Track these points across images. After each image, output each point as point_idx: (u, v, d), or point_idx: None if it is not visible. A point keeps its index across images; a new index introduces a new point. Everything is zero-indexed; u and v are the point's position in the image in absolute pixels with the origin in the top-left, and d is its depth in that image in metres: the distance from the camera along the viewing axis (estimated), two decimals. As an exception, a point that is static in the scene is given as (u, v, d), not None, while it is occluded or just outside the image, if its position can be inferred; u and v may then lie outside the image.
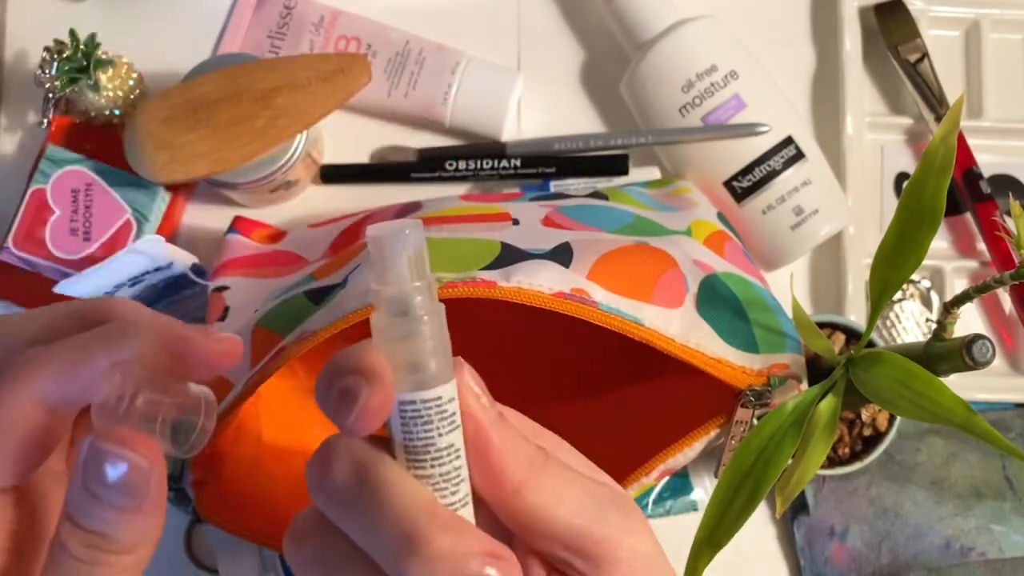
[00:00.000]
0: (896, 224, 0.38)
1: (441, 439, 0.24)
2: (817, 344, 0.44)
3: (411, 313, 0.23)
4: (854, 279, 0.58)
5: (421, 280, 0.24)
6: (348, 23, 0.58)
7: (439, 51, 0.58)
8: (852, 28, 0.59)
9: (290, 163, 0.52)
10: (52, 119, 0.55)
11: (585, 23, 0.61)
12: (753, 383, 0.39)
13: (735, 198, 0.55)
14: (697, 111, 0.55)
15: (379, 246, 0.23)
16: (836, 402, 0.41)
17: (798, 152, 0.55)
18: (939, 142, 0.37)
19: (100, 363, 0.25)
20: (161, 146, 0.50)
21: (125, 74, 0.55)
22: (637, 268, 0.40)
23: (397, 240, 0.23)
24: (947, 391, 0.36)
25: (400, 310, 0.23)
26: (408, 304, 0.23)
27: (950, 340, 0.39)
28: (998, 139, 0.60)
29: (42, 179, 0.53)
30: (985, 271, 0.60)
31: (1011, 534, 0.54)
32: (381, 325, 0.24)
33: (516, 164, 0.57)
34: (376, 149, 0.60)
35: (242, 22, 0.59)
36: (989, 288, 0.37)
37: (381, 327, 0.24)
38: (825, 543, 0.56)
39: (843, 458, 0.53)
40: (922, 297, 0.59)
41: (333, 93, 0.51)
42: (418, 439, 0.24)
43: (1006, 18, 0.61)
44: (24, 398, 0.25)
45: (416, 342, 0.23)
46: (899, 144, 0.61)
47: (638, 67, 0.56)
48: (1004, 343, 0.60)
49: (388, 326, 0.24)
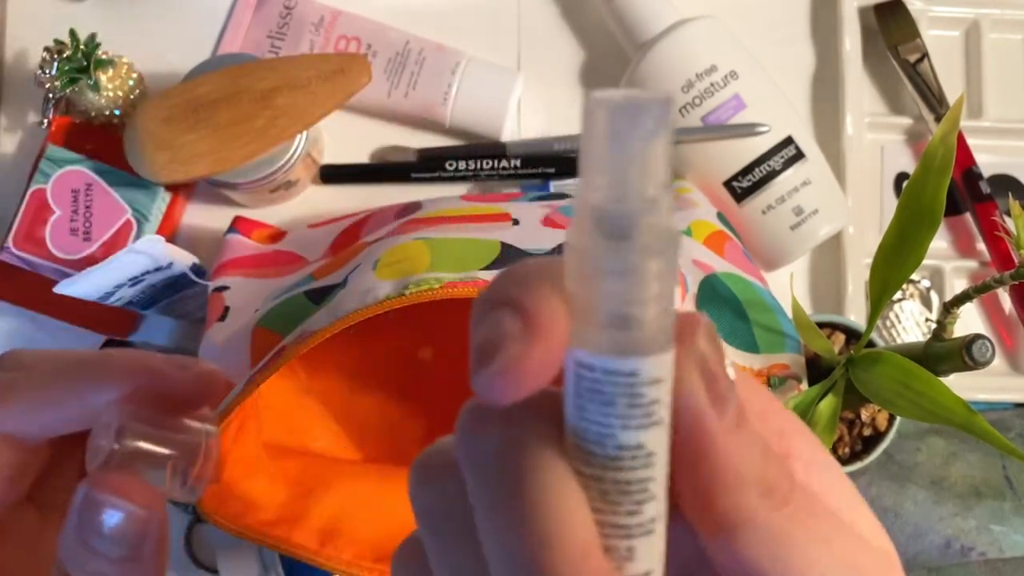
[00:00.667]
0: (896, 224, 0.38)
1: (626, 434, 0.16)
2: (817, 344, 0.44)
3: (634, 238, 0.15)
4: (854, 279, 0.58)
5: (660, 192, 0.16)
6: (348, 23, 0.58)
7: (439, 51, 0.58)
8: (852, 28, 0.59)
9: (290, 163, 0.52)
10: (52, 119, 0.55)
11: (585, 23, 0.61)
12: (753, 383, 0.39)
13: (735, 198, 0.55)
14: (697, 111, 0.55)
15: (604, 123, 0.15)
16: (836, 402, 0.41)
17: (798, 152, 0.55)
18: (939, 142, 0.37)
19: (72, 395, 0.24)
20: (161, 146, 0.50)
21: (125, 74, 0.55)
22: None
23: (635, 119, 0.15)
24: (947, 391, 0.36)
25: (618, 231, 0.15)
26: (632, 224, 0.15)
27: (950, 340, 0.39)
28: (998, 139, 0.60)
29: (42, 179, 0.53)
30: (985, 271, 0.60)
31: (1011, 534, 0.55)
32: (582, 246, 0.16)
33: (516, 164, 0.57)
34: (376, 149, 0.60)
35: (242, 22, 0.59)
36: (989, 288, 0.37)
37: (581, 249, 0.16)
38: (825, 543, 0.56)
39: (843, 458, 0.53)
40: (922, 297, 0.59)
41: (333, 93, 0.51)
42: (591, 424, 0.16)
43: (1006, 18, 0.61)
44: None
45: (630, 284, 0.16)
46: (899, 144, 0.61)
47: (638, 67, 0.56)
48: (1004, 343, 0.60)
49: (593, 250, 0.16)
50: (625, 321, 0.16)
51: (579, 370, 0.16)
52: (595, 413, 0.16)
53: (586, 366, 0.16)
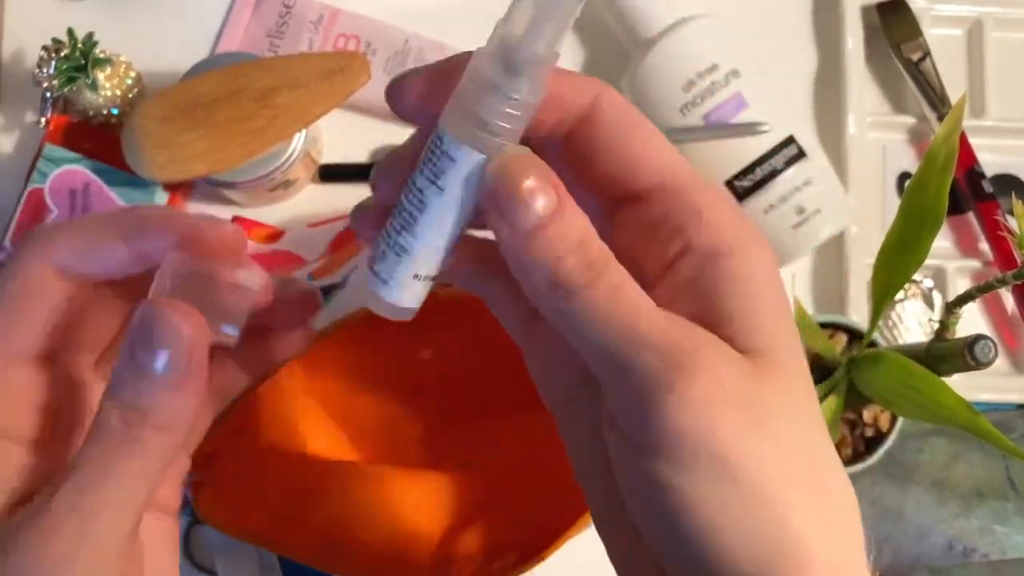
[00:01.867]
0: (898, 224, 0.38)
1: (418, 177, 0.24)
2: (819, 344, 0.43)
3: (518, 76, 0.23)
4: (856, 279, 0.57)
5: (550, 52, 0.23)
6: (347, 21, 0.58)
7: (439, 50, 0.57)
8: (854, 27, 0.59)
9: (289, 162, 0.52)
10: (50, 118, 0.55)
11: (585, 22, 0.61)
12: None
13: (736, 197, 0.55)
14: (698, 110, 0.55)
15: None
16: (838, 402, 0.41)
17: (800, 151, 0.55)
18: (941, 141, 0.37)
19: (120, 240, 0.25)
20: (159, 145, 0.50)
21: (123, 73, 0.54)
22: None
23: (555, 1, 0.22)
24: (949, 391, 0.35)
25: (511, 66, 0.23)
26: (521, 66, 0.23)
27: (952, 340, 0.39)
28: (1000, 138, 0.60)
29: (40, 178, 0.53)
30: (987, 271, 0.59)
31: (1014, 535, 0.54)
32: (481, 62, 0.23)
33: (516, 163, 0.57)
34: (376, 149, 0.59)
35: (241, 21, 0.59)
36: (991, 288, 0.37)
37: (479, 64, 0.23)
38: (827, 544, 0.56)
39: (845, 459, 0.53)
40: (924, 297, 0.59)
41: (332, 92, 0.51)
42: (418, 166, 0.24)
43: (1009, 17, 0.61)
44: (42, 265, 0.25)
45: (496, 104, 0.23)
46: (901, 143, 0.61)
47: (639, 66, 0.55)
48: (1006, 343, 0.59)
49: (485, 68, 0.23)
50: (478, 123, 0.22)
51: (434, 141, 0.23)
52: (422, 162, 0.23)
53: (439, 138, 0.23)
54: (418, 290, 0.25)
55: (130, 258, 0.26)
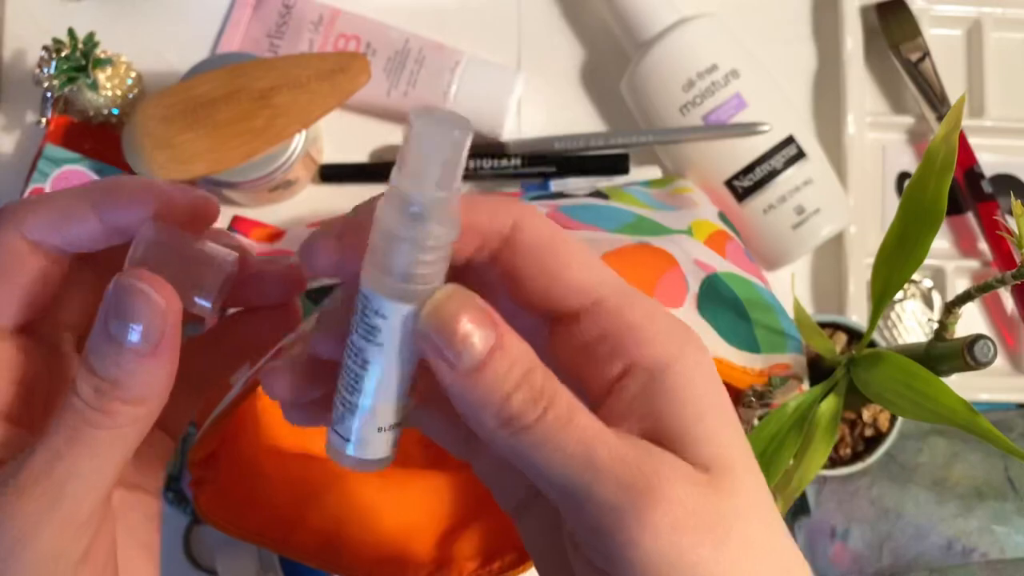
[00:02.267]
0: (897, 224, 0.38)
1: (356, 338, 0.23)
2: (818, 344, 0.43)
3: (423, 224, 0.22)
4: (855, 279, 0.57)
5: (449, 191, 0.22)
6: (347, 22, 0.58)
7: (439, 50, 0.57)
8: (853, 27, 0.59)
9: (289, 162, 0.52)
10: (50, 118, 0.55)
11: (585, 23, 0.61)
12: (754, 383, 0.39)
13: (736, 197, 0.55)
14: (698, 110, 0.55)
15: (416, 138, 0.21)
16: (838, 402, 0.41)
17: (799, 151, 0.55)
18: (940, 141, 0.37)
19: (94, 212, 0.25)
20: (160, 145, 0.50)
21: (124, 73, 0.55)
22: (638, 268, 0.39)
23: (438, 139, 0.21)
24: (949, 391, 0.35)
25: (415, 215, 0.22)
26: (424, 212, 0.22)
27: (952, 340, 0.39)
28: (1000, 138, 0.60)
29: (40, 178, 0.53)
30: (987, 271, 0.59)
31: (1013, 535, 0.54)
32: (385, 216, 0.22)
33: (516, 164, 0.57)
34: (376, 149, 0.59)
35: (241, 21, 0.59)
36: (991, 288, 0.37)
37: (384, 218, 0.22)
38: (826, 544, 0.56)
39: (844, 458, 0.53)
40: (924, 297, 0.59)
41: (332, 92, 0.51)
42: (353, 328, 0.23)
43: (1008, 17, 0.61)
44: (15, 238, 0.25)
45: (409, 253, 0.22)
46: (901, 143, 0.61)
47: (638, 66, 0.56)
48: (1006, 343, 0.59)
49: (391, 221, 0.22)
50: (398, 276, 0.22)
51: (363, 295, 0.23)
52: (355, 321, 0.23)
53: (363, 294, 0.23)
54: (387, 439, 0.24)
55: (103, 230, 0.26)
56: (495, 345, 0.22)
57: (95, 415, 0.23)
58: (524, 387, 0.22)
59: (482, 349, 0.22)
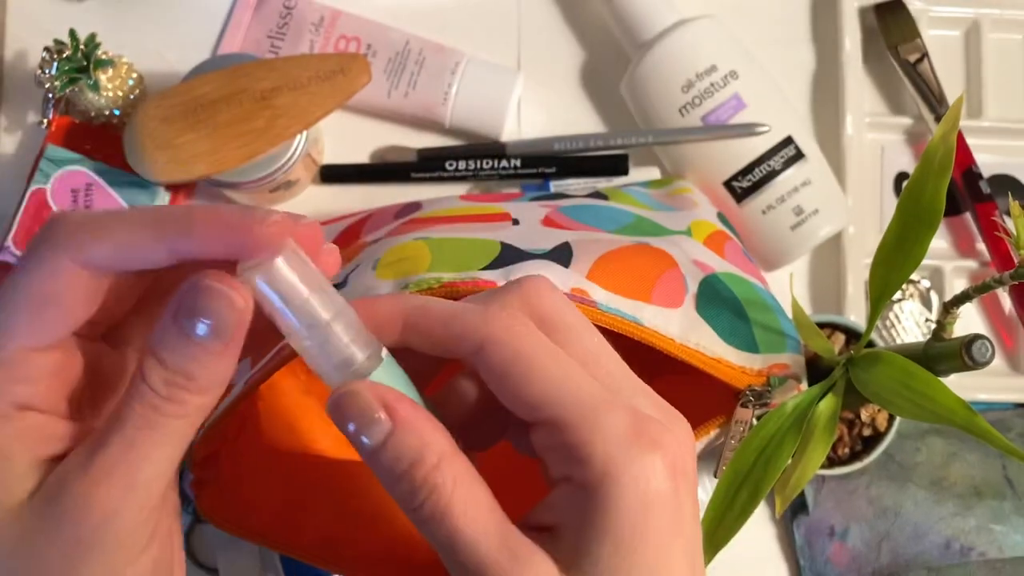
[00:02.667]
0: (896, 224, 0.38)
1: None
2: (817, 344, 0.44)
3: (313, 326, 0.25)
4: (854, 279, 0.58)
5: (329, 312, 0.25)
6: (348, 23, 0.58)
7: (439, 51, 0.58)
8: (852, 28, 0.59)
9: (290, 163, 0.52)
10: (52, 119, 0.55)
11: (585, 23, 0.61)
12: (753, 383, 0.39)
13: (735, 198, 0.55)
14: (697, 111, 0.55)
15: (263, 298, 0.25)
16: (836, 402, 0.41)
17: (798, 152, 0.55)
18: (939, 142, 0.37)
19: (162, 244, 0.25)
20: (161, 146, 0.50)
21: (125, 74, 0.55)
22: (637, 268, 0.40)
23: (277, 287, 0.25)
24: (947, 391, 0.36)
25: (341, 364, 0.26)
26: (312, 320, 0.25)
27: (950, 340, 0.39)
28: (998, 139, 0.60)
29: (42, 179, 0.53)
30: (985, 271, 0.60)
31: (1011, 534, 0.55)
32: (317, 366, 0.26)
33: (516, 164, 0.57)
34: (376, 149, 0.60)
35: (242, 22, 0.59)
36: (989, 288, 0.37)
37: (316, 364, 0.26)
38: (825, 543, 0.56)
39: (843, 458, 0.53)
40: (922, 297, 0.59)
41: (333, 93, 0.51)
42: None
43: (1006, 18, 0.61)
44: (71, 264, 0.25)
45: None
46: (899, 144, 0.61)
47: (638, 67, 0.56)
48: (1004, 343, 0.60)
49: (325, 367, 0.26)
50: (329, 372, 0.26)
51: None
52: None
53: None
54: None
55: (168, 258, 0.26)
56: (385, 437, 0.25)
57: (167, 404, 0.25)
58: (405, 479, 0.25)
59: (372, 438, 0.25)
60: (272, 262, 0.24)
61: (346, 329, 0.26)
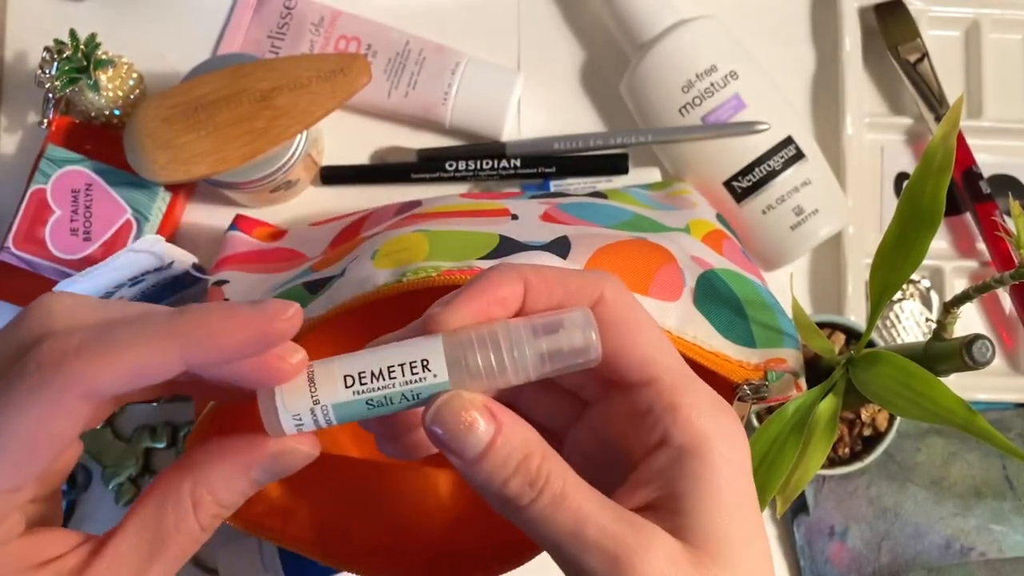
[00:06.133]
0: (896, 224, 0.38)
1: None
2: (817, 344, 0.44)
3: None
4: (854, 279, 0.58)
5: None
6: (348, 23, 0.58)
7: (439, 51, 0.58)
8: (852, 28, 0.59)
9: (290, 163, 0.52)
10: (52, 119, 0.55)
11: (585, 23, 0.61)
12: (750, 377, 0.39)
13: (735, 198, 0.55)
14: (697, 111, 0.55)
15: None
16: (836, 402, 0.41)
17: (798, 152, 0.55)
18: (939, 142, 0.37)
19: (170, 357, 0.23)
20: (161, 146, 0.50)
21: (125, 74, 0.55)
22: (634, 261, 0.40)
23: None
24: (947, 391, 0.36)
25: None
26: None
27: (950, 340, 0.39)
28: (998, 139, 0.60)
29: (42, 179, 0.53)
30: (985, 271, 0.60)
31: (1011, 534, 0.55)
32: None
33: (516, 164, 0.57)
34: (376, 150, 0.60)
35: (242, 22, 0.59)
36: (989, 288, 0.37)
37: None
38: (825, 543, 0.56)
39: (843, 458, 0.53)
40: (922, 297, 0.59)
41: (333, 93, 0.51)
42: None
43: (1006, 18, 0.61)
44: (72, 399, 0.23)
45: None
46: (899, 144, 0.61)
47: (638, 67, 0.56)
48: (1004, 343, 0.60)
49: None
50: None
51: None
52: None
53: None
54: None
55: (182, 369, 0.24)
56: (493, 437, 0.25)
57: (205, 535, 0.27)
58: (520, 473, 0.25)
59: (479, 441, 0.25)
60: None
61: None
